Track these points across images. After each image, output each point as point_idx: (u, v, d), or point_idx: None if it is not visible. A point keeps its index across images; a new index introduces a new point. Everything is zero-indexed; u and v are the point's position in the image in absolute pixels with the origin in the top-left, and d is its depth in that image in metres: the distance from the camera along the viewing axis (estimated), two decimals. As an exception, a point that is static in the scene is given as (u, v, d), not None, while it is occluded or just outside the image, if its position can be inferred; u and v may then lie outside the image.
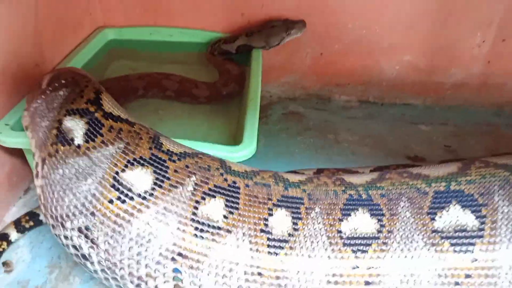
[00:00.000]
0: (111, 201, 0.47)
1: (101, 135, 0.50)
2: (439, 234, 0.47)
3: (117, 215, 0.46)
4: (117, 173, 0.48)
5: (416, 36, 1.00)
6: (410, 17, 0.98)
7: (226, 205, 0.48)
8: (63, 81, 0.54)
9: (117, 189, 0.47)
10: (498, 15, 0.95)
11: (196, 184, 0.49)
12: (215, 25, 1.03)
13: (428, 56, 1.03)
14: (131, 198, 0.47)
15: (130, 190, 0.47)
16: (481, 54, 1.01)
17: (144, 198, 0.47)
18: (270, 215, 0.49)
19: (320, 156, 0.90)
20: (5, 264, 0.62)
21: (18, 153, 0.72)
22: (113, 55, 1.02)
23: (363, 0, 0.96)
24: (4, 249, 0.64)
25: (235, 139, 0.77)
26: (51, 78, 0.56)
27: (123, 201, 0.47)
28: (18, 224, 0.66)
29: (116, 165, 0.48)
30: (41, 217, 0.68)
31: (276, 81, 1.11)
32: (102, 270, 0.49)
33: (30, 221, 0.67)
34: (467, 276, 0.46)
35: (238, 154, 0.61)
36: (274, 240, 0.47)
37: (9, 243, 0.65)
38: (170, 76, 0.88)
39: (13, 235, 0.66)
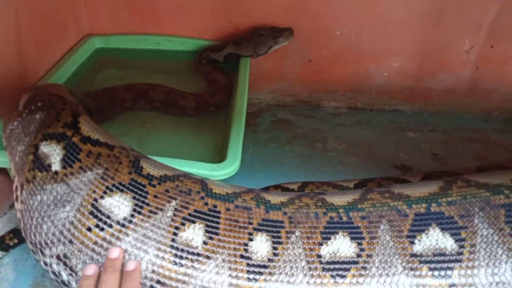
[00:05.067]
0: (89, 229, 0.47)
1: (79, 160, 0.50)
2: (418, 258, 0.47)
3: (95, 243, 0.46)
4: (95, 200, 0.48)
5: (405, 43, 1.00)
6: (399, 24, 0.97)
7: (206, 231, 0.48)
8: (39, 104, 0.54)
9: (96, 217, 0.47)
10: (487, 22, 0.95)
11: (176, 209, 0.49)
12: (203, 32, 1.03)
13: (417, 62, 1.03)
14: (110, 226, 0.47)
15: (108, 217, 0.47)
16: (470, 60, 1.01)
17: (123, 225, 0.47)
18: (251, 239, 0.49)
19: (308, 166, 0.89)
20: (-12, 283, 0.62)
21: (1, 169, 0.71)
22: (101, 64, 1.01)
23: (352, 7, 0.96)
24: (-13, 268, 0.64)
25: (221, 153, 0.77)
26: (28, 100, 0.56)
27: (102, 229, 0.47)
28: (1, 242, 0.66)
29: (94, 191, 0.48)
30: (26, 235, 0.68)
31: (266, 88, 1.11)
32: (83, 296, 0.49)
33: (14, 238, 0.67)
34: (445, 301, 0.46)
35: (221, 172, 0.61)
36: (253, 265, 0.47)
37: (-7, 261, 0.65)
38: (157, 87, 0.87)
39: (-3, 253, 0.66)
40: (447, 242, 0.48)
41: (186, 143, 0.79)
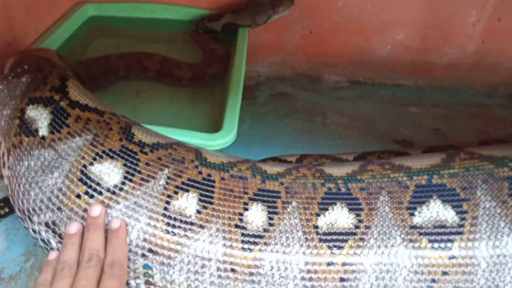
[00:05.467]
0: (78, 196, 0.45)
1: (67, 125, 0.47)
2: (418, 230, 0.46)
3: (85, 210, 0.45)
4: (84, 166, 0.46)
5: (409, 15, 0.96)
6: (404, -7, 0.93)
7: (200, 200, 0.47)
8: (26, 67, 0.51)
9: (85, 183, 0.45)
10: (495, -7, 0.91)
11: (168, 177, 0.47)
12: (199, 0, 0.99)
13: (421, 35, 0.99)
14: (100, 193, 0.45)
15: (98, 184, 0.45)
16: (476, 33, 0.98)
17: (113, 192, 0.45)
18: (246, 209, 0.47)
19: (306, 140, 0.87)
20: (-21, 252, 0.61)
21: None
22: (94, 33, 0.97)
23: (355, -24, 0.92)
24: (-22, 237, 0.63)
25: (217, 124, 0.75)
26: (14, 63, 0.53)
27: (91, 196, 0.45)
28: (-7, 211, 0.65)
29: (83, 158, 0.46)
30: (17, 204, 0.66)
31: (264, 60, 1.07)
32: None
33: (5, 207, 0.66)
34: (444, 273, 0.45)
35: (216, 142, 0.59)
36: (248, 235, 0.46)
37: (-16, 230, 0.64)
38: (151, 56, 0.84)
39: (-12, 222, 0.64)
40: (448, 214, 0.47)
41: (181, 114, 0.77)
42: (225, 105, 0.67)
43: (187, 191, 0.47)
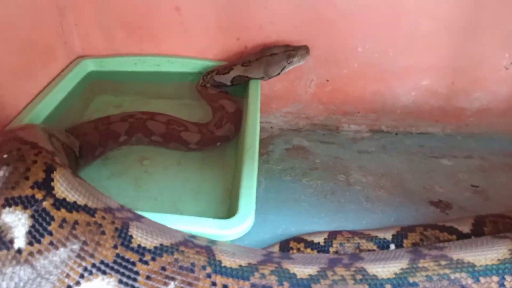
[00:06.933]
0: (60, 330, 0.35)
1: (50, 233, 0.38)
2: None
3: None
4: (69, 287, 0.36)
5: (435, 59, 0.88)
6: (428, 36, 0.86)
7: (214, 323, 0.37)
8: (5, 156, 0.43)
9: (69, 312, 0.36)
10: (529, 33, 0.83)
11: (175, 295, 0.38)
12: (207, 51, 0.92)
13: (449, 80, 0.91)
14: (87, 325, 0.35)
15: (86, 312, 0.36)
16: (509, 76, 0.89)
17: (104, 323, 0.36)
18: (273, 333, 0.37)
19: (329, 204, 0.78)
20: None
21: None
22: (94, 89, 0.90)
23: (374, 20, 0.85)
24: None
25: (231, 194, 0.66)
26: (-9, 152, 0.45)
27: (77, 330, 0.35)
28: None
29: (68, 275, 0.37)
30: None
31: (278, 111, 1.00)
32: None
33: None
34: None
35: (232, 232, 0.49)
36: None
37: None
38: (156, 116, 0.76)
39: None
40: (534, 335, 0.36)
41: (190, 184, 0.68)
42: (239, 178, 0.57)
43: (199, 312, 0.37)
